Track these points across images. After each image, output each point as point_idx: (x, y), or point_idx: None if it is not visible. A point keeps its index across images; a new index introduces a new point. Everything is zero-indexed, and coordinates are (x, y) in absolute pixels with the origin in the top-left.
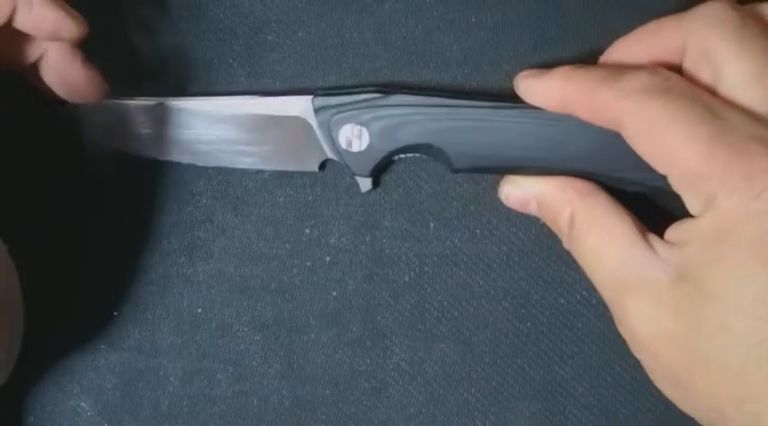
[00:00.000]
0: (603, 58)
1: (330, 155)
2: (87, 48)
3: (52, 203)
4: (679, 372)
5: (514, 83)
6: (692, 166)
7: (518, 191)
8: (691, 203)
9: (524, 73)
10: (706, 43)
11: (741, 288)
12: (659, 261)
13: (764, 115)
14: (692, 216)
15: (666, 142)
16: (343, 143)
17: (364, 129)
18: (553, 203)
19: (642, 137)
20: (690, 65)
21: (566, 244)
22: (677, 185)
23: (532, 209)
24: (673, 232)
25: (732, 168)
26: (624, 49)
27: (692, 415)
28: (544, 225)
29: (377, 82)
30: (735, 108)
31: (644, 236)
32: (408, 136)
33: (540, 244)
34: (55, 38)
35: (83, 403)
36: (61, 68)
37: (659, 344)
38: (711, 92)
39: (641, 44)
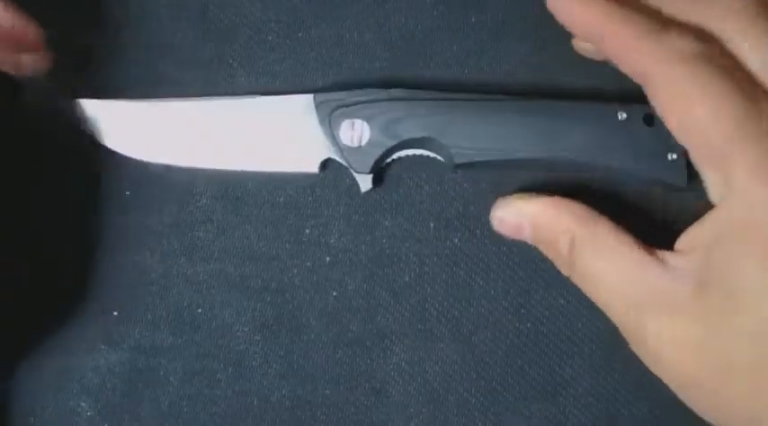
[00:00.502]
0: None
1: (331, 153)
2: (86, 46)
3: (52, 203)
4: (709, 384)
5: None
6: (715, 142)
7: (512, 215)
8: (709, 181)
9: None
10: (724, 28)
11: None
12: (673, 273)
13: None
14: (699, 220)
15: (695, 112)
16: (343, 138)
17: (365, 124)
18: (550, 228)
19: (670, 102)
20: (727, 42)
21: (565, 271)
22: (697, 159)
23: (527, 235)
24: (685, 239)
25: (757, 153)
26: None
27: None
28: None
29: (374, 81)
30: None
31: (651, 253)
32: (409, 130)
33: None
34: None
35: (83, 403)
36: None
37: (684, 358)
38: (747, 69)
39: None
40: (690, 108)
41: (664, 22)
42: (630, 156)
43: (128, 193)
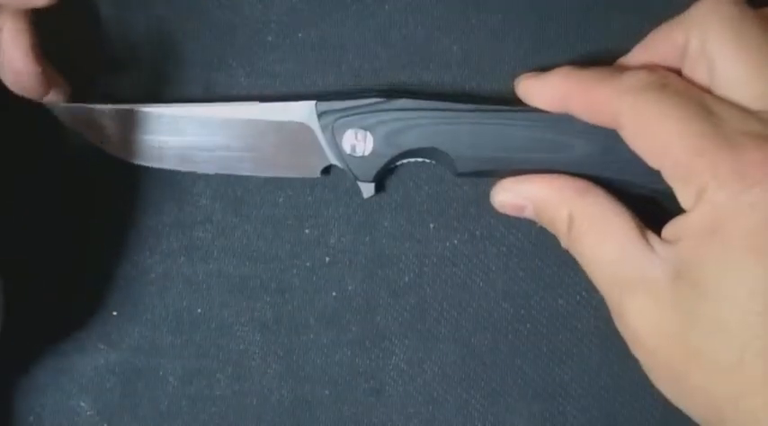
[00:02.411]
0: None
1: (333, 160)
2: (87, 47)
3: (51, 203)
4: (677, 369)
5: (515, 85)
6: (682, 160)
7: (513, 198)
8: (683, 197)
9: (524, 75)
10: (703, 38)
11: (734, 283)
12: (656, 259)
13: (756, 112)
14: (683, 214)
15: (659, 137)
16: (346, 148)
17: (368, 134)
18: (550, 205)
19: (637, 133)
20: (689, 62)
21: (564, 244)
22: (669, 179)
23: (528, 214)
24: (668, 229)
25: (722, 162)
26: (635, 57)
27: (690, 413)
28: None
29: (377, 83)
30: (727, 104)
31: (642, 234)
32: (412, 140)
33: (540, 245)
34: (26, 3)
35: (82, 403)
36: (8, 50)
37: (657, 341)
38: (707, 89)
39: (650, 49)
40: (654, 132)
41: (617, 68)
42: (633, 166)
43: (127, 193)
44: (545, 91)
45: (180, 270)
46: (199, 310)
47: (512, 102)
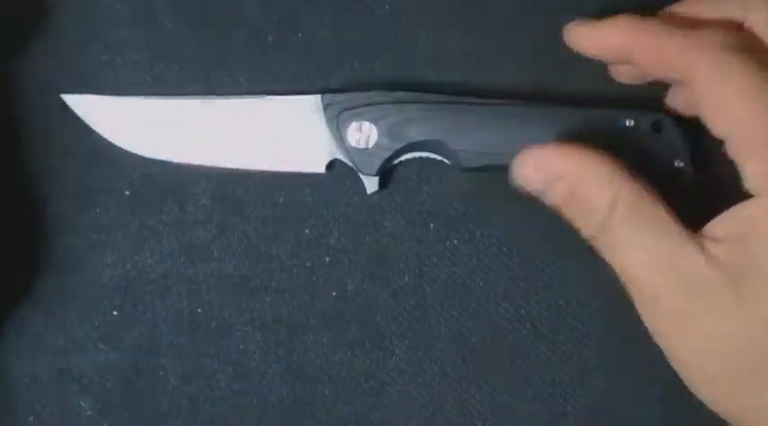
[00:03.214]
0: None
1: (338, 154)
2: (88, 45)
3: (51, 202)
4: (728, 371)
5: (564, 33)
6: (759, 136)
7: (542, 171)
8: (750, 173)
9: (573, 22)
10: (747, 18)
11: None
12: (711, 261)
13: None
14: (734, 206)
15: (738, 101)
16: (351, 140)
17: (373, 126)
18: (591, 186)
19: (713, 91)
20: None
21: (591, 233)
22: (739, 150)
23: (551, 193)
24: (720, 226)
25: None
26: (691, 7)
27: (735, 417)
28: (544, 226)
29: (377, 82)
30: None
31: (692, 236)
32: (416, 133)
33: (540, 245)
34: None
35: (83, 403)
36: None
37: (707, 344)
38: None
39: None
40: (735, 99)
41: (693, 22)
42: (637, 163)
43: (128, 193)
44: (604, 37)
45: (180, 269)
46: (199, 310)
47: (516, 97)
